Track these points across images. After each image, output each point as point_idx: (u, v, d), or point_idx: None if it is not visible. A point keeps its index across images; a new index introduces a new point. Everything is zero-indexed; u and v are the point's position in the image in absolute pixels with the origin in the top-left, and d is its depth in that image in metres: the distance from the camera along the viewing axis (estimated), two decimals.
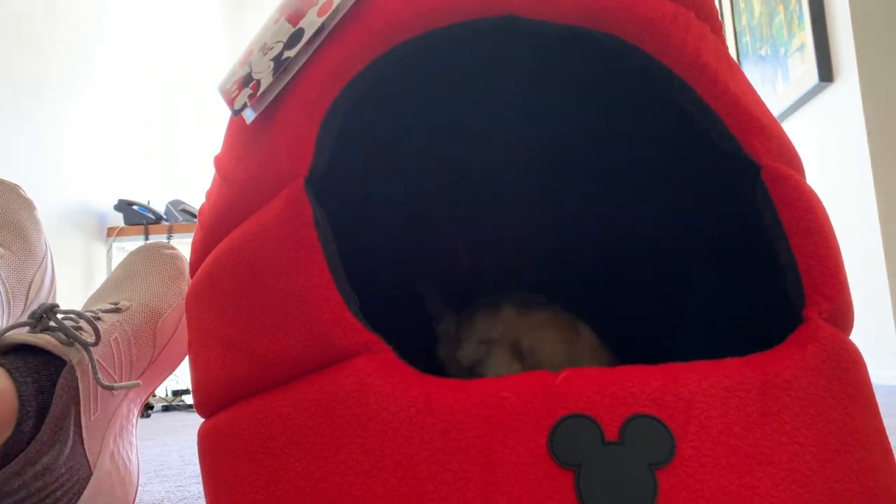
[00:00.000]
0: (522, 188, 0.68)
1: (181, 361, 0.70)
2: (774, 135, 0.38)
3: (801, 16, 2.42)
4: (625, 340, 0.61)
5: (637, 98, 0.48)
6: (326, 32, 0.36)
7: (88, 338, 0.53)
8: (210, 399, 0.39)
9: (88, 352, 0.53)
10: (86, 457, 0.53)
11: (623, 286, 0.63)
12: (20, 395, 0.48)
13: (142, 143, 3.20)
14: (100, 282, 2.21)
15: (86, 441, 0.53)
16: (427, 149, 0.64)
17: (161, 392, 2.90)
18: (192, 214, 2.90)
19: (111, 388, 0.53)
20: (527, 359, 0.48)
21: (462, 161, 0.66)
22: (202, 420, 0.41)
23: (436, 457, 0.29)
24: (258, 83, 0.36)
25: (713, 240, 0.49)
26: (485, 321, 0.52)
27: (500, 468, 0.28)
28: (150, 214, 2.75)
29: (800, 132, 2.56)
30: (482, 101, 0.59)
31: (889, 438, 0.34)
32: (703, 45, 0.38)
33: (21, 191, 0.72)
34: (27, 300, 0.65)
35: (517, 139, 0.64)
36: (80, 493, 0.52)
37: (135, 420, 0.64)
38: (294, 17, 0.37)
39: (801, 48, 2.43)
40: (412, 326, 0.67)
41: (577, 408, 0.29)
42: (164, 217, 2.82)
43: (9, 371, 0.49)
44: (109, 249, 2.77)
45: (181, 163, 3.58)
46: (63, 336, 0.52)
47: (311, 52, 0.36)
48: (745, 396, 0.30)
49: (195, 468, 1.01)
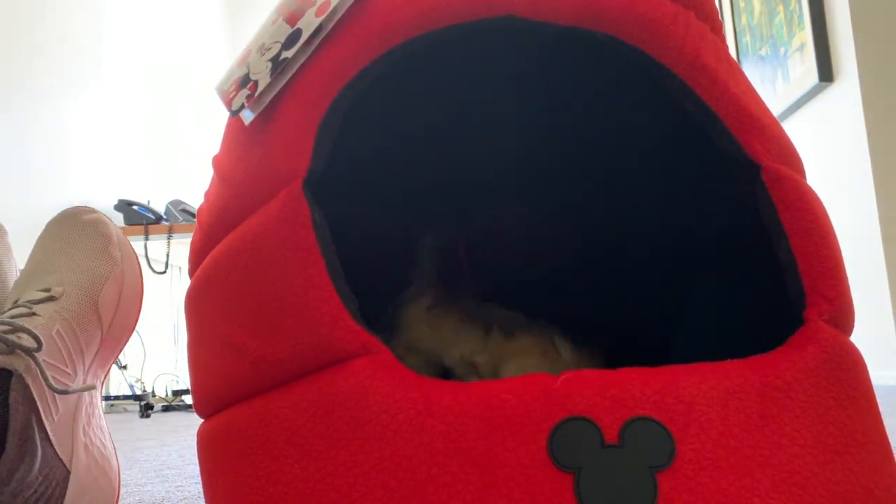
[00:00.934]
0: (522, 188, 0.68)
1: (133, 328, 0.65)
2: (775, 135, 0.38)
3: (801, 16, 2.42)
4: (624, 341, 0.61)
5: (637, 98, 0.48)
6: (324, 33, 0.36)
7: (29, 343, 0.50)
8: (209, 400, 0.39)
9: (33, 357, 0.50)
10: (59, 458, 0.51)
11: (622, 287, 0.63)
12: None
13: (142, 143, 3.20)
14: None
15: (55, 444, 0.51)
16: (426, 149, 0.64)
17: (161, 392, 2.90)
18: (192, 214, 2.90)
19: (65, 393, 0.51)
20: None
21: (462, 161, 0.66)
22: (202, 420, 0.40)
23: (435, 459, 0.29)
24: (256, 84, 0.36)
25: (713, 240, 0.49)
26: (470, 342, 0.52)
27: (500, 470, 0.28)
28: (150, 214, 2.75)
29: (800, 132, 2.56)
30: (482, 102, 0.59)
31: (889, 439, 0.34)
32: (704, 46, 0.38)
33: None
34: None
35: (517, 139, 0.64)
36: (63, 495, 0.51)
37: (99, 404, 0.62)
38: (292, 18, 0.37)
39: (801, 48, 2.43)
40: None
41: (577, 410, 0.29)
42: (164, 217, 2.82)
43: None
44: None
45: (181, 163, 3.58)
46: (3, 346, 0.49)
47: (309, 53, 0.36)
48: (746, 398, 0.30)
49: (195, 468, 1.01)
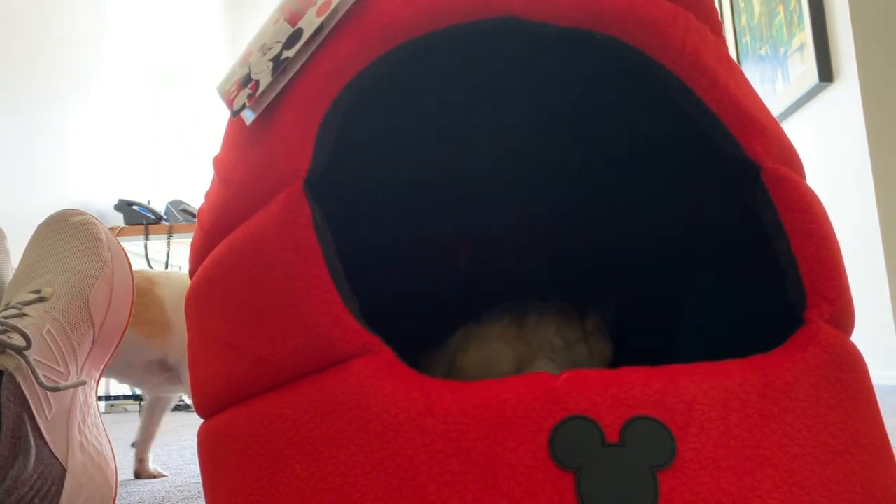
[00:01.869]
0: (522, 188, 0.68)
1: (126, 327, 0.66)
2: (775, 136, 0.38)
3: (801, 16, 2.42)
4: (625, 341, 0.61)
5: (637, 99, 0.48)
6: (325, 33, 0.36)
7: (19, 342, 0.51)
8: (210, 400, 0.39)
9: (23, 356, 0.50)
10: (55, 456, 0.51)
11: (622, 287, 0.63)
12: None
13: (142, 143, 3.20)
14: None
15: (50, 442, 0.51)
16: (427, 149, 0.64)
17: None
18: (192, 214, 2.90)
19: (55, 390, 0.51)
20: None
21: (462, 161, 0.66)
22: (202, 420, 0.41)
23: (436, 458, 0.29)
24: (257, 84, 0.36)
25: (713, 241, 0.49)
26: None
27: (501, 470, 0.28)
28: (150, 214, 2.74)
29: (799, 132, 2.56)
30: (482, 102, 0.59)
31: (889, 439, 0.34)
32: (704, 47, 0.38)
33: None
34: None
35: (517, 139, 0.64)
36: (59, 493, 0.51)
37: (94, 402, 0.62)
38: (293, 18, 0.37)
39: (801, 48, 2.43)
40: (413, 327, 0.67)
41: (578, 409, 0.29)
42: (164, 217, 2.82)
43: None
44: None
45: (181, 163, 3.58)
46: None
47: (310, 53, 0.36)
48: (746, 398, 0.30)
49: (195, 468, 1.01)
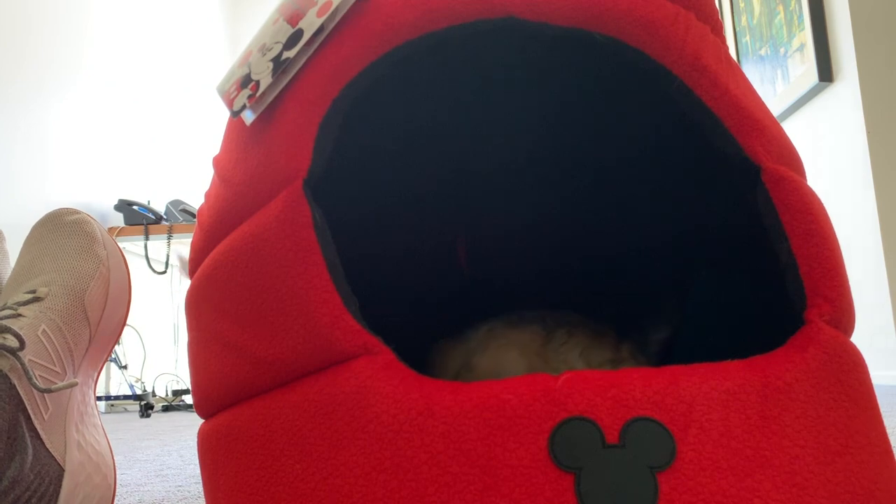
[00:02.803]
0: (522, 188, 0.68)
1: (123, 326, 0.66)
2: (775, 136, 0.38)
3: (801, 16, 2.42)
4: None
5: (637, 99, 0.48)
6: (326, 33, 0.36)
7: (13, 343, 0.51)
8: (210, 400, 0.39)
9: (17, 357, 0.50)
10: (52, 456, 0.52)
11: (623, 287, 0.63)
12: None
13: (142, 143, 3.20)
14: None
15: (47, 442, 0.51)
16: (426, 149, 0.64)
17: (161, 392, 2.90)
18: (192, 214, 2.90)
19: (48, 391, 0.51)
20: None
21: (461, 161, 0.66)
22: (202, 420, 0.41)
23: (436, 459, 0.29)
24: (257, 84, 0.36)
25: (713, 241, 0.49)
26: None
27: (501, 471, 0.28)
28: (150, 214, 2.74)
29: (799, 132, 2.56)
30: (481, 102, 0.59)
31: (889, 439, 0.34)
32: (704, 47, 0.38)
33: None
34: None
35: (516, 140, 0.64)
36: (57, 493, 0.51)
37: (93, 402, 0.62)
38: (293, 18, 0.37)
39: (801, 48, 2.43)
40: (413, 327, 0.67)
41: (578, 410, 0.29)
42: (164, 217, 2.82)
43: None
44: None
45: (181, 163, 3.58)
46: None
47: (311, 54, 0.36)
48: (746, 399, 0.30)
49: (195, 468, 1.01)
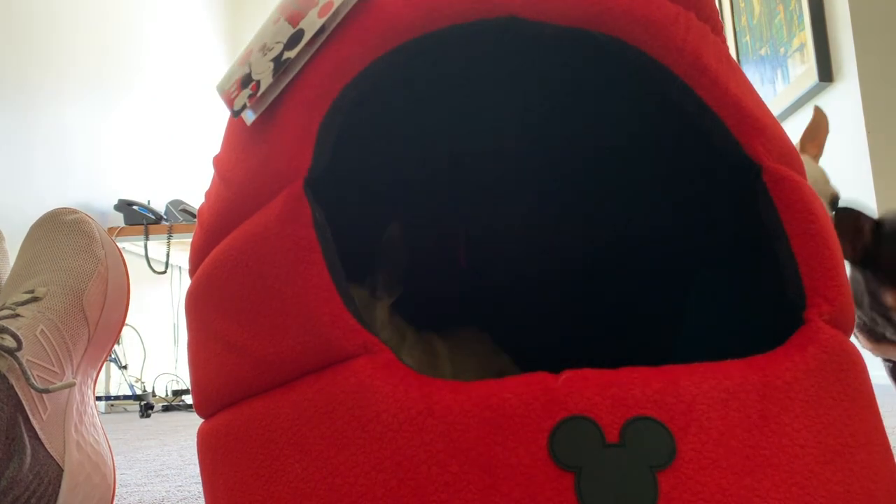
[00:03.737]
0: (523, 187, 0.68)
1: (122, 326, 0.66)
2: (775, 136, 0.38)
3: (801, 16, 2.42)
4: (624, 341, 0.61)
5: (637, 99, 0.48)
6: (327, 34, 0.36)
7: (10, 343, 0.51)
8: (210, 399, 0.39)
9: (15, 357, 0.50)
10: (51, 456, 0.51)
11: (623, 287, 0.63)
12: None
13: (142, 143, 3.19)
14: None
15: (45, 442, 0.51)
16: (427, 148, 0.64)
17: (161, 392, 2.90)
18: (192, 214, 2.90)
19: (45, 391, 0.51)
20: None
21: (462, 160, 0.66)
22: (202, 420, 0.41)
23: (436, 458, 0.29)
24: (258, 84, 0.36)
25: (713, 241, 0.49)
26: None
27: (501, 470, 0.28)
28: (150, 214, 2.74)
29: (800, 132, 2.55)
30: (482, 102, 0.59)
31: (889, 439, 0.34)
32: (704, 47, 0.38)
33: None
34: None
35: (517, 139, 0.64)
36: (56, 493, 0.51)
37: (92, 401, 0.62)
38: (294, 18, 0.37)
39: (801, 48, 2.43)
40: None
41: (578, 409, 0.29)
42: (164, 217, 2.82)
43: None
44: None
45: (181, 163, 3.58)
46: None
47: (312, 54, 0.36)
48: (746, 398, 0.30)
49: (195, 468, 1.00)
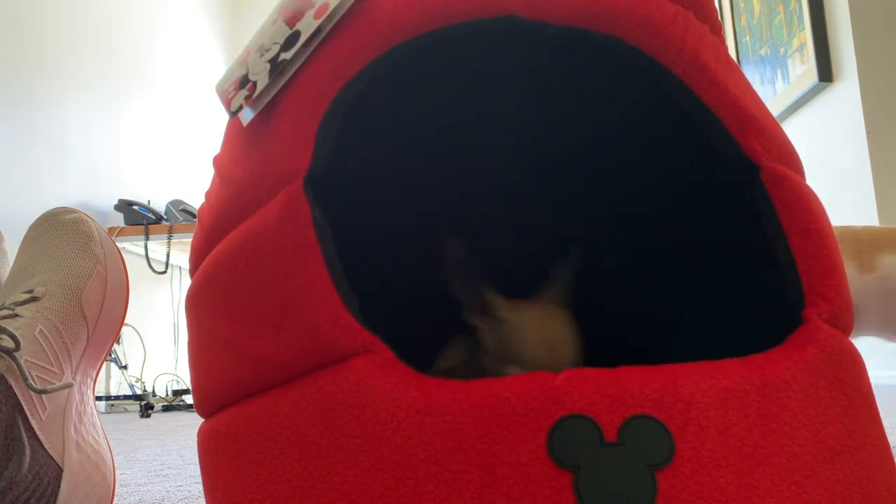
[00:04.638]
0: (522, 188, 0.68)
1: (121, 325, 0.65)
2: (774, 135, 0.38)
3: (801, 16, 2.42)
4: (623, 340, 0.61)
5: (636, 98, 0.48)
6: (322, 35, 0.36)
7: (8, 344, 0.51)
8: (210, 399, 0.39)
9: (13, 358, 0.50)
10: (50, 457, 0.52)
11: (622, 287, 0.63)
12: None
13: (142, 143, 3.20)
14: None
15: (45, 442, 0.51)
16: (427, 149, 0.64)
17: (161, 392, 2.90)
18: (192, 214, 2.90)
19: (44, 392, 0.51)
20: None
21: (462, 160, 0.66)
22: (202, 420, 0.41)
23: (435, 457, 0.29)
24: (254, 85, 0.36)
25: (712, 240, 0.49)
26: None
27: (499, 469, 0.28)
28: (151, 214, 2.75)
29: (800, 132, 2.56)
30: (482, 102, 0.59)
31: (889, 438, 0.34)
32: (703, 46, 0.38)
33: None
34: None
35: (517, 139, 0.64)
36: (56, 493, 0.51)
37: (92, 401, 0.62)
38: (291, 19, 0.37)
39: (801, 48, 2.43)
40: (413, 326, 0.67)
41: (577, 408, 0.29)
42: (164, 217, 2.82)
43: None
44: None
45: (181, 163, 3.58)
46: None
47: (308, 56, 0.36)
48: (745, 397, 0.30)
49: (195, 468, 1.01)
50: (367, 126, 0.59)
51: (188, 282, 0.73)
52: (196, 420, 2.03)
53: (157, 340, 3.09)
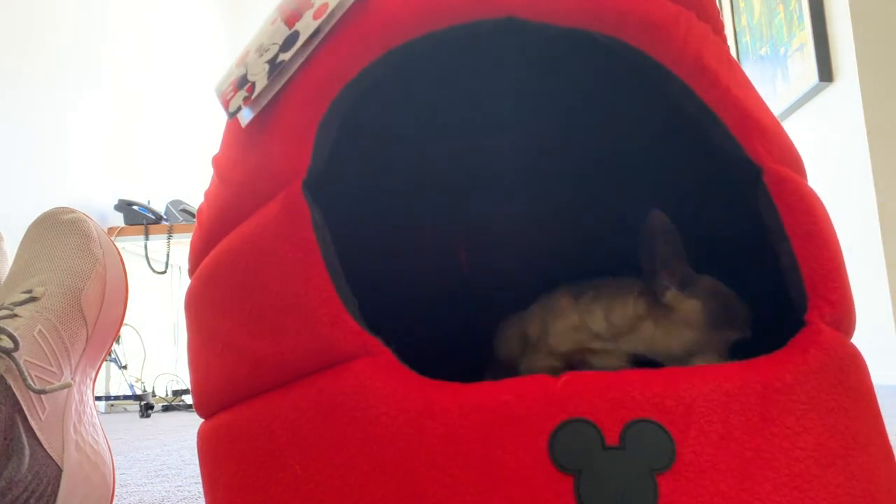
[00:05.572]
0: (522, 188, 0.68)
1: (120, 325, 0.65)
2: (776, 137, 0.38)
3: (801, 16, 2.42)
4: None
5: (637, 100, 0.48)
6: (321, 36, 0.36)
7: (7, 344, 0.51)
8: (210, 400, 0.38)
9: (12, 358, 0.50)
10: (50, 457, 0.51)
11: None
12: None
13: (142, 143, 3.19)
14: None
15: (44, 442, 0.51)
16: (427, 148, 0.64)
17: (161, 392, 2.90)
18: (192, 214, 2.90)
19: (43, 392, 0.51)
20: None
21: (462, 161, 0.66)
22: (202, 420, 0.41)
23: (435, 460, 0.29)
24: (253, 85, 0.36)
25: (714, 242, 0.49)
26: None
27: (500, 472, 0.28)
28: (150, 214, 2.74)
29: (800, 132, 2.56)
30: (482, 102, 0.59)
31: (890, 440, 0.34)
32: (705, 47, 0.38)
33: None
34: None
35: (517, 139, 0.64)
36: (55, 493, 0.51)
37: (91, 401, 0.62)
38: (290, 19, 0.36)
39: (801, 48, 2.43)
40: (413, 326, 0.67)
41: (578, 412, 0.29)
42: (164, 217, 2.82)
43: None
44: None
45: (181, 163, 3.58)
46: None
47: (306, 56, 0.36)
48: (746, 401, 0.30)
49: (195, 468, 1.00)
50: (366, 126, 0.59)
51: (188, 282, 0.73)
52: (196, 420, 2.03)
53: (157, 340, 3.09)
